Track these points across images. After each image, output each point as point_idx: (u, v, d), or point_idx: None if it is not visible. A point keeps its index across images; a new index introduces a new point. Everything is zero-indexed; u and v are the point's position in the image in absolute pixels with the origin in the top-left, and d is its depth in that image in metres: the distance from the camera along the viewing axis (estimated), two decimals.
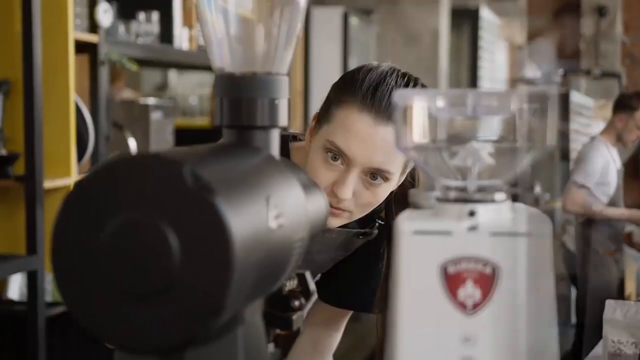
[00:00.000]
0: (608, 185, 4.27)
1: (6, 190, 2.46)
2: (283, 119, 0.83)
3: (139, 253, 0.61)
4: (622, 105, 4.30)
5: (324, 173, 1.24)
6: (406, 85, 1.26)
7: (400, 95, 0.72)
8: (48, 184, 2.39)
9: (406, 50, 5.32)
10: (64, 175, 2.47)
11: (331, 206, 1.24)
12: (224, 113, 0.81)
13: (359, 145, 1.22)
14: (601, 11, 9.20)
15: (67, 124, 2.45)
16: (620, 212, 4.36)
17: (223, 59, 0.83)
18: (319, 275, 1.51)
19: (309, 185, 0.87)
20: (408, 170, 1.31)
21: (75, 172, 2.51)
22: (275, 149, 0.82)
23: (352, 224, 1.39)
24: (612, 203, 4.30)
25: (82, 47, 2.60)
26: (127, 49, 2.83)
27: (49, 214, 2.38)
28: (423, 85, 1.30)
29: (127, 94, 3.93)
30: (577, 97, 7.14)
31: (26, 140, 2.33)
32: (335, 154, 1.23)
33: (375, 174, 1.24)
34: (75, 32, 2.52)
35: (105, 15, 2.60)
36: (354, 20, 4.90)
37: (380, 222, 1.41)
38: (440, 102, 0.71)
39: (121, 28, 2.89)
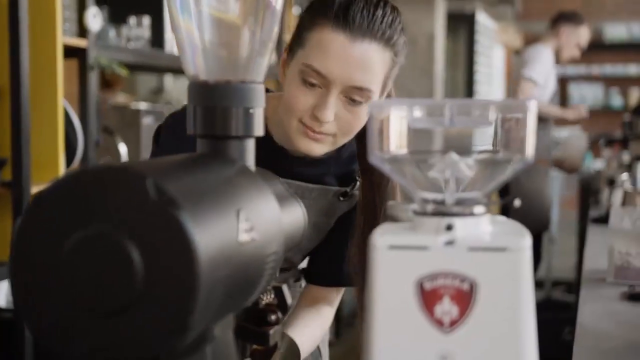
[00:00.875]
0: (548, 88, 4.46)
1: None
2: (259, 129, 0.81)
3: (100, 268, 0.59)
4: (568, 18, 4.50)
5: (303, 98, 1.22)
6: (377, 3, 1.24)
7: (375, 106, 0.70)
8: (36, 190, 2.36)
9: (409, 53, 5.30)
10: (52, 181, 2.44)
11: (313, 131, 1.23)
12: (198, 122, 0.79)
13: (336, 64, 1.20)
14: None
15: (55, 129, 2.43)
16: (562, 112, 4.71)
17: (196, 66, 0.80)
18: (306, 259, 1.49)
19: (285, 197, 0.84)
20: (387, 90, 1.30)
21: None
22: (250, 160, 0.80)
23: (333, 182, 1.38)
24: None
25: (71, 52, 2.57)
26: (117, 54, 2.80)
27: None
28: (397, 10, 1.28)
29: (121, 98, 3.91)
30: (482, 18, 7.18)
31: (13, 145, 2.30)
32: (313, 77, 1.21)
33: (354, 95, 1.22)
34: (64, 37, 2.49)
35: (94, 19, 2.58)
36: None
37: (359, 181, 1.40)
38: (417, 113, 0.69)
39: (112, 32, 2.87)
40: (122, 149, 2.83)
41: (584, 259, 2.30)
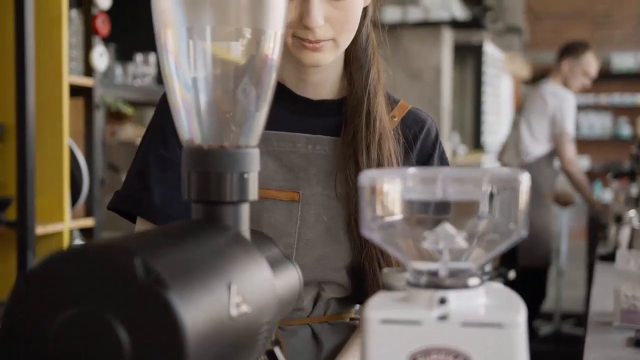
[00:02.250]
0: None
1: None
2: (253, 193, 0.80)
3: (88, 348, 0.58)
4: (568, 51, 4.50)
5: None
6: None
7: (366, 177, 0.69)
8: (40, 230, 2.36)
9: (409, 86, 5.31)
10: (57, 220, 2.44)
11: (310, 41, 1.16)
12: (192, 187, 0.79)
13: None
14: None
15: (60, 168, 2.43)
16: (594, 199, 4.63)
17: (191, 130, 0.80)
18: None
19: (280, 260, 0.84)
20: None
21: (68, 218, 2.48)
22: (244, 225, 0.80)
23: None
24: (553, 157, 4.49)
25: (77, 91, 2.59)
26: (123, 92, 2.81)
27: None
28: None
29: (129, 130, 3.92)
30: (489, 48, 7.17)
31: (18, 185, 2.31)
32: None
33: None
34: (71, 76, 2.51)
35: (100, 58, 2.59)
36: None
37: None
38: (409, 183, 0.68)
39: (118, 70, 2.88)
40: None
41: (590, 300, 2.28)
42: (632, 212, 3.13)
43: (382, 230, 0.70)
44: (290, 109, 1.26)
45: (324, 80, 1.26)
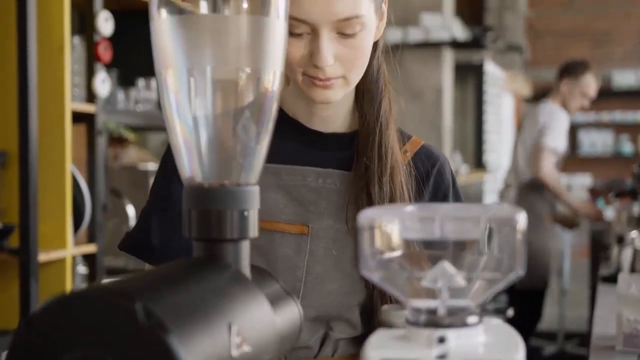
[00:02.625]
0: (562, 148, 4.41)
1: (1, 263, 2.44)
2: (254, 230, 0.81)
3: None
4: (567, 71, 4.46)
5: (295, 51, 1.14)
6: None
7: (365, 216, 0.70)
8: (43, 257, 2.37)
9: (410, 106, 5.32)
10: (60, 247, 2.45)
11: (320, 79, 1.15)
12: (193, 225, 0.79)
13: (312, 4, 1.11)
14: None
15: (63, 195, 2.44)
16: (576, 203, 4.55)
17: (192, 169, 0.81)
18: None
19: (281, 296, 0.84)
20: (385, 5, 1.21)
21: (71, 244, 2.49)
22: (245, 262, 0.80)
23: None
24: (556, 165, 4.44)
25: (79, 117, 2.60)
26: (125, 118, 2.83)
27: (44, 288, 2.35)
28: None
29: (132, 153, 3.93)
30: (490, 68, 7.17)
31: (21, 212, 2.32)
32: (296, 27, 1.12)
33: (345, 29, 1.12)
34: (73, 103, 2.52)
35: (103, 85, 2.61)
36: None
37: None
38: (408, 222, 0.69)
39: (120, 95, 2.90)
40: (130, 211, 2.84)
41: (593, 323, 2.27)
42: (634, 233, 3.12)
43: (381, 269, 0.70)
44: (302, 143, 1.25)
45: (334, 114, 1.26)
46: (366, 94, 1.24)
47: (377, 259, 0.70)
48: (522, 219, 0.68)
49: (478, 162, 7.34)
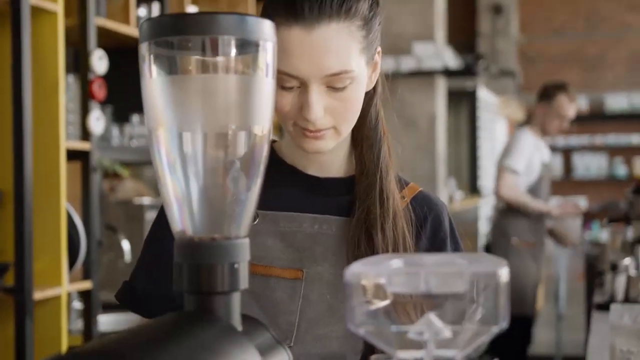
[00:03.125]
0: (530, 175, 4.36)
1: None
2: (244, 282, 0.82)
3: None
4: (542, 95, 4.50)
5: (286, 103, 1.15)
6: None
7: (351, 272, 0.72)
8: (38, 295, 2.37)
9: (404, 134, 5.36)
10: (55, 285, 2.46)
11: (310, 131, 1.15)
12: (184, 278, 0.81)
13: (300, 60, 1.11)
14: (497, 9, 9.33)
15: (58, 233, 2.46)
16: (547, 207, 4.47)
17: (183, 223, 0.83)
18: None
19: (271, 346, 0.85)
20: (374, 56, 1.20)
21: (66, 282, 2.49)
22: (236, 313, 0.82)
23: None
24: (531, 194, 4.38)
25: (74, 155, 2.62)
26: (120, 153, 2.85)
27: (40, 325, 2.36)
28: None
29: (128, 185, 3.95)
30: (483, 94, 7.22)
31: (16, 251, 2.33)
32: (286, 81, 1.13)
33: (335, 83, 1.13)
34: (68, 141, 2.54)
35: (97, 122, 2.63)
36: None
37: None
38: (394, 278, 0.71)
39: (115, 131, 2.92)
40: (125, 246, 2.85)
41: (587, 352, 2.28)
42: (627, 260, 3.13)
43: (368, 322, 0.72)
44: (300, 189, 1.26)
45: (330, 159, 1.26)
46: (365, 141, 1.25)
47: (364, 312, 0.72)
48: (504, 273, 0.70)
49: (473, 188, 7.37)
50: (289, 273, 1.21)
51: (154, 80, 0.80)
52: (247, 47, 0.80)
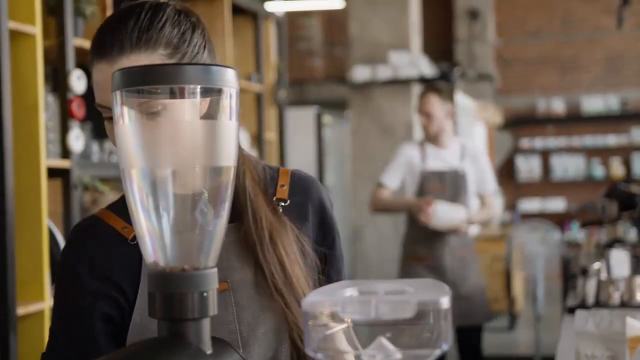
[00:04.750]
0: (412, 186, 4.19)
1: None
2: (213, 309, 0.89)
3: None
4: None
5: (111, 134, 1.19)
6: (127, 15, 1.20)
7: (307, 302, 0.79)
8: (21, 310, 2.43)
9: (381, 142, 5.43)
10: (38, 300, 2.51)
11: None
12: (157, 307, 0.88)
13: (107, 92, 1.16)
14: (473, 14, 9.45)
15: (40, 249, 2.51)
16: (404, 201, 4.19)
17: (155, 254, 0.89)
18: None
19: None
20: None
21: (49, 297, 2.55)
22: (206, 338, 0.88)
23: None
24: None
25: (55, 172, 2.68)
26: (100, 169, 2.91)
27: (23, 340, 2.41)
28: (157, 10, 1.21)
29: (110, 198, 3.99)
30: (460, 99, 7.31)
31: None
32: (107, 113, 1.19)
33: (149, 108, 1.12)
34: (48, 159, 2.60)
35: (77, 141, 2.69)
36: (327, 119, 5.03)
37: (282, 202, 1.32)
38: (347, 307, 0.78)
39: (95, 147, 2.98)
40: None
41: (556, 357, 2.35)
42: (597, 264, 3.20)
43: (324, 348, 0.79)
44: None
45: None
46: None
47: (320, 338, 0.79)
48: (446, 301, 0.77)
49: None
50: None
51: (125, 125, 0.87)
52: (212, 93, 0.87)
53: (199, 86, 0.86)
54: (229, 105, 0.88)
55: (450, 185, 4.13)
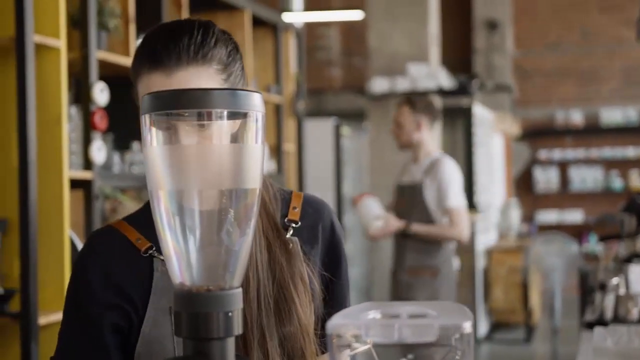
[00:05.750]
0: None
1: (2, 327, 2.53)
2: (238, 328, 0.91)
3: None
4: None
5: None
6: (180, 30, 1.23)
7: (332, 325, 0.80)
8: (43, 320, 2.46)
9: (399, 154, 5.43)
10: (59, 310, 2.53)
11: None
12: (183, 326, 0.89)
13: None
14: (492, 25, 9.42)
15: (62, 260, 2.54)
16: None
17: (182, 275, 0.91)
18: None
19: None
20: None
21: None
22: (230, 357, 0.90)
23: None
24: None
25: (77, 183, 2.71)
26: (121, 180, 2.93)
27: (44, 350, 2.44)
28: (207, 26, 1.25)
29: (129, 206, 4.02)
30: (478, 110, 7.29)
31: (22, 278, 2.41)
32: None
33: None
34: (71, 171, 2.63)
35: (99, 152, 2.72)
36: (345, 130, 5.05)
37: (294, 224, 1.34)
38: (371, 330, 0.79)
39: (116, 158, 3.01)
40: None
41: None
42: (615, 280, 3.19)
43: None
44: None
45: None
46: None
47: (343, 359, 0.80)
48: (468, 325, 0.78)
49: (470, 203, 7.44)
50: None
51: (154, 148, 0.89)
52: (238, 117, 0.89)
53: (226, 110, 0.88)
54: (255, 129, 0.90)
55: (408, 199, 4.07)
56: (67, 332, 1.29)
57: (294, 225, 1.33)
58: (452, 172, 4.09)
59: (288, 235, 1.31)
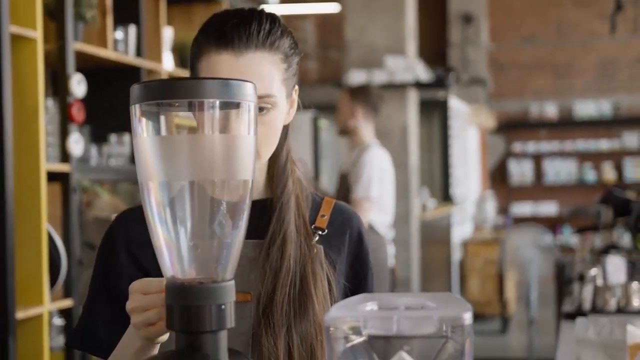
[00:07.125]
0: None
1: None
2: (230, 321, 0.89)
3: None
4: None
5: None
6: (250, 15, 1.25)
7: (331, 318, 0.79)
8: (21, 314, 2.43)
9: None
10: (37, 304, 2.51)
11: None
12: (175, 319, 0.88)
13: None
14: (467, 19, 9.48)
15: (39, 253, 2.51)
16: None
17: (173, 268, 0.90)
18: None
19: None
20: (296, 94, 1.31)
21: (48, 301, 2.55)
22: (222, 350, 0.89)
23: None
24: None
25: (54, 176, 2.67)
26: (98, 173, 2.90)
27: (22, 344, 2.41)
28: (273, 17, 1.28)
29: (105, 199, 3.98)
30: (454, 103, 7.33)
31: None
32: None
33: (259, 103, 1.17)
34: (48, 163, 2.59)
35: (76, 145, 2.68)
36: (322, 123, 5.03)
37: (320, 232, 1.33)
38: (369, 321, 0.78)
39: (94, 151, 2.97)
40: None
41: None
42: (594, 271, 3.21)
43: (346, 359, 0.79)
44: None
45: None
46: (275, 177, 1.32)
47: (341, 352, 0.79)
48: (468, 317, 0.77)
49: (445, 196, 7.47)
50: (239, 297, 1.26)
51: (144, 139, 0.87)
52: (230, 107, 0.88)
53: (217, 100, 0.86)
54: (248, 119, 0.89)
55: (340, 187, 4.10)
56: (90, 305, 1.28)
57: (320, 232, 1.32)
58: (370, 161, 4.01)
59: (313, 242, 1.31)
